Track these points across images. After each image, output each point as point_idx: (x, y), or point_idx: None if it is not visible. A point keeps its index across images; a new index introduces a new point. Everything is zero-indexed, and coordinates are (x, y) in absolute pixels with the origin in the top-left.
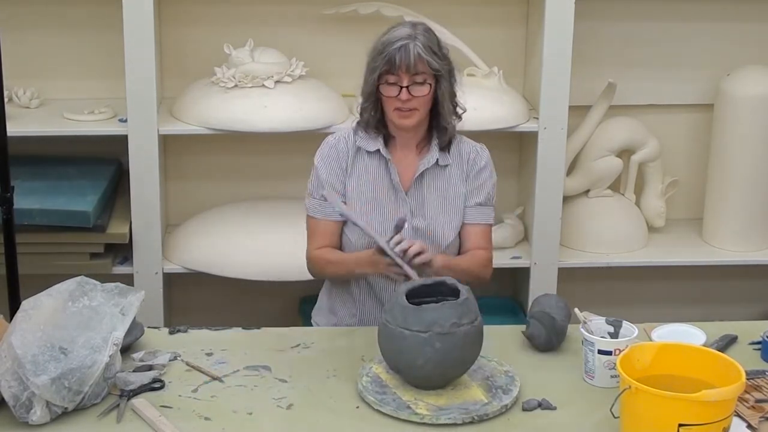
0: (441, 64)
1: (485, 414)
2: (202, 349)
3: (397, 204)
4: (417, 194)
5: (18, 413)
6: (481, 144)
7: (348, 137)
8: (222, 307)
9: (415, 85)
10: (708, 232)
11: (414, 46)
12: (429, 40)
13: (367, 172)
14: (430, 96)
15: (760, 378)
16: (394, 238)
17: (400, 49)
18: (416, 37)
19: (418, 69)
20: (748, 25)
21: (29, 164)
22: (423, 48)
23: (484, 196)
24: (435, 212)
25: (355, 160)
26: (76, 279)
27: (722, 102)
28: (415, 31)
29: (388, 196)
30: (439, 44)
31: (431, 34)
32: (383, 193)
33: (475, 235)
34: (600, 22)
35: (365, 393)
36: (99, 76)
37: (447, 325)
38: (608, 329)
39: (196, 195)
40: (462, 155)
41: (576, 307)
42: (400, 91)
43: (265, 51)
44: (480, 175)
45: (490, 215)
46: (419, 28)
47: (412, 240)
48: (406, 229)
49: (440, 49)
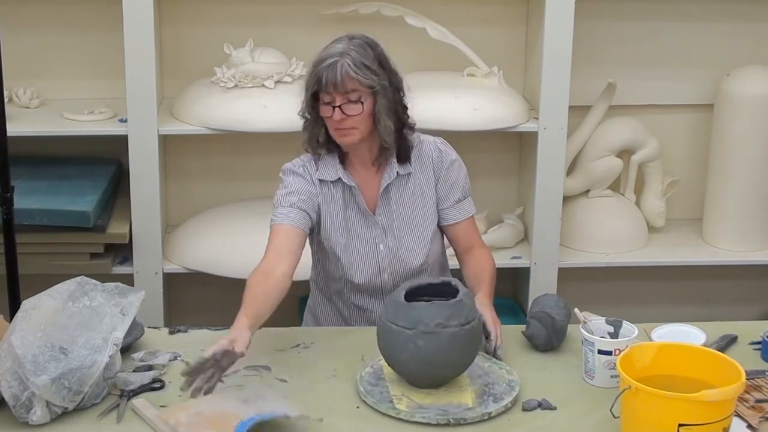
0: (376, 80)
1: (462, 419)
2: (202, 349)
3: (369, 228)
4: (385, 212)
5: (18, 413)
6: (440, 138)
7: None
8: (222, 307)
9: (349, 104)
10: (708, 232)
11: (342, 64)
12: (362, 55)
13: (334, 202)
14: (367, 113)
15: (760, 378)
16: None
17: (328, 68)
18: (348, 54)
19: (348, 87)
20: (748, 25)
21: (29, 164)
22: (353, 65)
23: (459, 191)
24: (405, 228)
25: (321, 192)
26: (77, 279)
27: (722, 102)
28: (349, 47)
29: (359, 223)
30: (378, 58)
31: (367, 48)
32: (354, 220)
33: (464, 231)
34: (600, 22)
35: (359, 382)
36: (99, 76)
37: (432, 324)
38: (608, 329)
39: (196, 195)
40: (424, 158)
41: (576, 307)
42: (334, 111)
43: (265, 51)
44: (450, 173)
45: (470, 207)
46: (354, 42)
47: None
48: (381, 250)
49: (377, 63)
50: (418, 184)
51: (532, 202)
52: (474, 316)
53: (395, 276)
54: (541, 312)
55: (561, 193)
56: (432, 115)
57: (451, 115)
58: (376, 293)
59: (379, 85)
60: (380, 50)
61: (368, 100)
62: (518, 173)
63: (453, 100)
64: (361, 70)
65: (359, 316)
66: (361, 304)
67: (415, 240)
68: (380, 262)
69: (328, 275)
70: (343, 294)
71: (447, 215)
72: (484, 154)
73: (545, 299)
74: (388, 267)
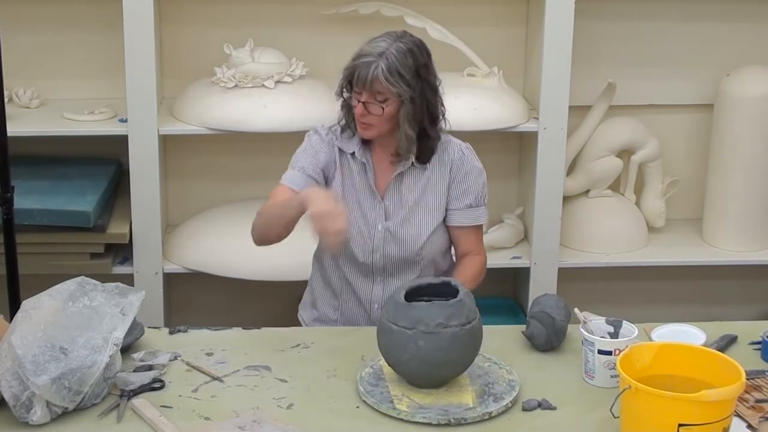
0: (406, 90)
1: (463, 418)
2: (202, 349)
3: (373, 207)
4: (394, 197)
5: (18, 413)
6: (466, 144)
7: (333, 132)
8: (222, 307)
9: (374, 103)
10: (708, 232)
11: (376, 66)
12: (400, 61)
13: (350, 174)
14: (388, 116)
15: (760, 378)
16: None
17: (363, 66)
18: (386, 56)
19: (375, 89)
20: (748, 25)
21: (29, 164)
22: (386, 69)
23: (473, 197)
24: (410, 214)
25: (339, 159)
26: (77, 279)
27: (722, 102)
28: (391, 49)
29: (366, 200)
30: (417, 66)
31: (407, 56)
32: (363, 196)
33: (466, 237)
34: (600, 22)
35: (359, 383)
36: (99, 76)
37: (432, 324)
38: (608, 329)
39: (196, 195)
40: (445, 158)
41: (576, 307)
42: (358, 105)
43: (265, 51)
44: (467, 177)
45: (480, 216)
46: (398, 44)
47: None
48: (379, 230)
49: (414, 72)
50: (433, 179)
51: (532, 202)
52: (474, 316)
53: (386, 259)
54: (541, 312)
55: (561, 193)
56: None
57: (451, 115)
58: (368, 273)
59: (407, 95)
60: (423, 59)
61: (393, 105)
62: (518, 173)
63: (453, 100)
64: (394, 77)
65: (348, 291)
66: (352, 279)
67: (414, 230)
68: (375, 241)
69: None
70: (338, 264)
71: (453, 217)
72: (484, 154)
73: (545, 299)
74: (381, 248)
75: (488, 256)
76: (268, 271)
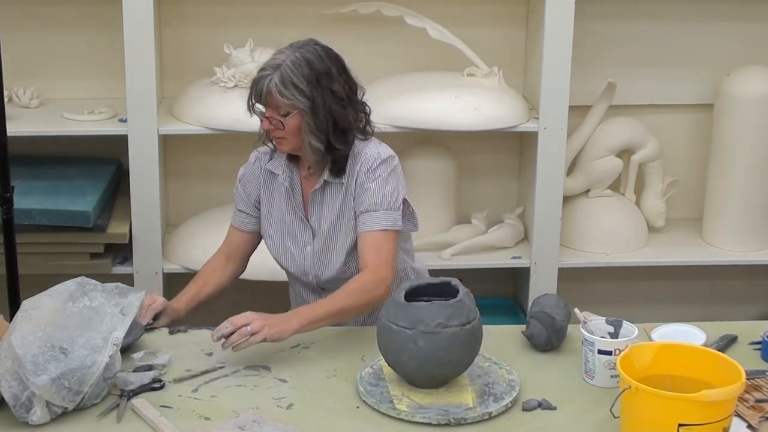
0: (302, 101)
1: (463, 419)
2: (202, 349)
3: (303, 229)
4: (317, 215)
5: (18, 413)
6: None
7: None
8: (222, 307)
9: (277, 117)
10: (708, 232)
11: (270, 79)
12: (294, 72)
13: (279, 196)
14: (291, 130)
15: (760, 378)
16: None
17: (259, 80)
18: (281, 69)
19: (273, 102)
20: (748, 25)
21: (29, 164)
22: (279, 82)
23: (369, 201)
24: (329, 234)
25: (268, 184)
26: (77, 279)
27: (722, 102)
28: (287, 61)
29: (294, 222)
30: (316, 76)
31: (303, 66)
32: (290, 218)
33: (362, 245)
34: (600, 22)
35: (359, 383)
36: (99, 76)
37: (432, 324)
38: (608, 329)
39: (196, 195)
40: (357, 166)
41: (576, 307)
42: (263, 120)
43: (265, 51)
44: (367, 180)
45: (374, 221)
46: (295, 55)
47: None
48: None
49: (310, 82)
50: (349, 191)
51: (532, 202)
52: (474, 316)
53: (318, 280)
54: (541, 312)
55: (561, 193)
56: (432, 115)
57: (451, 115)
58: (315, 289)
59: (304, 106)
60: (325, 67)
61: (295, 117)
62: (518, 173)
63: (453, 99)
64: (288, 88)
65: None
66: (306, 297)
67: (336, 248)
68: (305, 264)
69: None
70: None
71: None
72: (484, 154)
73: (545, 299)
74: (312, 270)
75: (488, 256)
76: (268, 271)
